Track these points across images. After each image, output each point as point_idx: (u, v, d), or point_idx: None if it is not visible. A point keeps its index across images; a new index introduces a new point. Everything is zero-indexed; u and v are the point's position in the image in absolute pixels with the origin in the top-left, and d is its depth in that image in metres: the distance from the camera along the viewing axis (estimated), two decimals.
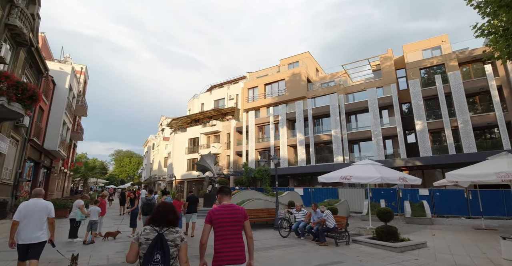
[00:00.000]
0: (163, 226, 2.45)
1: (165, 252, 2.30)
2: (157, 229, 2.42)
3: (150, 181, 57.39)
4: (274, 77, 30.83)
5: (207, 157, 22.77)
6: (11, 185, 14.00)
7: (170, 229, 2.46)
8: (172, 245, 2.38)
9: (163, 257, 2.28)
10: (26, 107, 11.26)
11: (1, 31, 10.60)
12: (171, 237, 2.40)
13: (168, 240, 2.37)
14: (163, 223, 2.46)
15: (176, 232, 2.46)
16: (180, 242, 2.44)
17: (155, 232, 2.39)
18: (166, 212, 2.51)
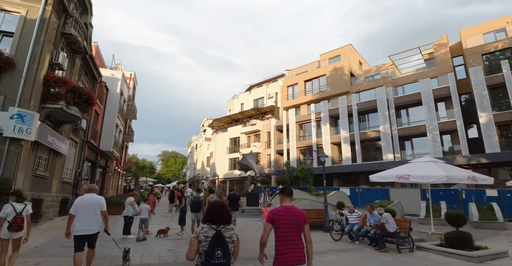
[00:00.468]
0: (219, 223, 2.56)
1: (225, 248, 2.41)
2: (214, 226, 2.53)
3: (194, 180, 59.47)
4: (314, 73, 29.81)
5: (249, 156, 22.70)
6: (71, 183, 15.18)
7: (226, 226, 2.57)
8: (230, 241, 2.49)
9: (224, 253, 2.39)
10: (83, 111, 12.03)
11: (58, 40, 11.42)
12: (228, 234, 2.52)
13: (226, 237, 2.48)
14: (218, 221, 2.57)
15: (231, 229, 2.59)
16: (236, 239, 2.57)
17: (213, 230, 2.50)
18: (220, 210, 2.62)
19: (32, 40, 9.75)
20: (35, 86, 9.78)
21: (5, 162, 8.69)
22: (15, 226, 4.65)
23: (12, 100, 9.15)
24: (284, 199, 3.15)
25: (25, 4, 10.10)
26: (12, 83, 9.34)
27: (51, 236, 8.64)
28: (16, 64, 9.45)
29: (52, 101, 10.55)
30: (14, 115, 8.90)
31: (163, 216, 15.88)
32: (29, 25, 9.93)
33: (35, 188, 10.47)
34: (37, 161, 10.71)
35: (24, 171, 9.45)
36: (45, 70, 10.42)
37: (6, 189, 8.29)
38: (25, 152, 9.42)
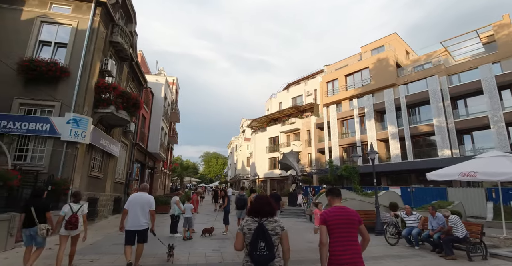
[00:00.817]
0: (262, 216, 2.62)
1: (267, 240, 2.46)
2: (257, 219, 2.61)
3: (235, 180, 60.39)
4: (356, 67, 28.30)
5: (290, 155, 22.23)
6: (123, 183, 16.11)
7: (269, 219, 2.61)
8: (273, 234, 2.53)
9: (267, 245, 2.44)
10: (131, 114, 12.65)
11: (107, 48, 12.13)
12: (270, 226, 2.56)
13: (268, 229, 2.52)
14: (261, 214, 2.63)
15: (274, 221, 2.61)
16: (281, 231, 2.57)
17: (256, 223, 2.58)
18: (263, 204, 2.69)
19: (83, 49, 10.45)
20: (88, 93, 10.46)
21: (63, 164, 9.39)
22: (70, 224, 4.96)
23: (68, 106, 9.87)
24: (333, 200, 3.04)
25: (75, 16, 10.87)
26: (67, 90, 10.09)
27: (105, 233, 9.12)
28: (70, 72, 10.19)
29: (103, 106, 11.23)
30: (70, 120, 9.59)
31: (207, 215, 16.14)
32: (80, 36, 10.66)
33: (91, 188, 11.22)
34: (92, 163, 11.47)
35: (81, 172, 10.15)
36: (96, 77, 11.12)
37: (65, 189, 8.94)
38: (81, 154, 10.10)
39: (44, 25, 10.69)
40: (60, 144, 9.53)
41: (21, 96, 9.75)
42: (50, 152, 9.43)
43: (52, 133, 9.48)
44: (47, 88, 9.93)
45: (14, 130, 9.27)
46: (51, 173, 9.15)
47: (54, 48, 10.66)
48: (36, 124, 9.43)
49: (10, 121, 9.28)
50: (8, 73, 9.61)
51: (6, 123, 9.24)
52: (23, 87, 9.85)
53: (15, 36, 10.21)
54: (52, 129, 9.49)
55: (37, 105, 9.90)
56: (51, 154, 9.43)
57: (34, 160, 9.46)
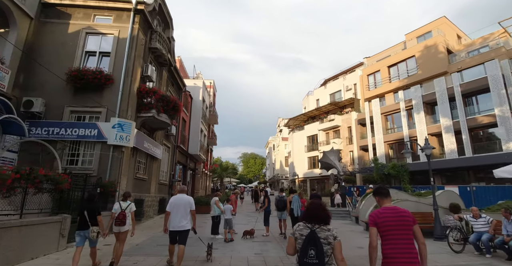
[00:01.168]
0: (315, 223, 2.52)
1: (318, 249, 2.36)
2: (309, 226, 2.52)
3: (274, 180, 60.12)
4: (400, 56, 26.28)
5: (330, 153, 21.28)
6: (167, 184, 16.65)
7: (322, 227, 2.50)
8: (325, 243, 2.42)
9: (317, 254, 2.35)
10: (171, 117, 12.95)
11: (146, 54, 12.55)
12: (323, 234, 2.45)
13: (320, 238, 2.42)
14: (314, 220, 2.54)
15: (328, 230, 2.48)
16: (333, 240, 2.45)
17: (308, 229, 2.49)
18: (317, 210, 2.59)
19: (125, 56, 10.88)
20: (130, 98, 10.87)
21: (110, 167, 9.83)
22: (118, 221, 5.42)
23: (113, 112, 10.32)
24: (382, 201, 2.88)
25: (116, 26, 11.37)
26: (112, 96, 10.56)
27: (151, 234, 9.34)
28: (114, 79, 10.67)
29: (145, 110, 11.62)
30: (115, 125, 10.01)
31: (248, 215, 16.01)
32: (121, 44, 11.13)
33: (136, 189, 11.66)
34: (137, 165, 11.92)
35: (127, 174, 10.56)
36: (137, 83, 11.53)
37: (113, 191, 9.33)
38: (126, 157, 10.51)
39: (89, 36, 11.35)
40: (107, 147, 10.00)
41: (71, 104, 10.43)
42: (99, 155, 9.94)
43: (99, 137, 9.99)
44: (94, 95, 10.49)
45: (66, 137, 9.93)
46: (100, 175, 9.62)
47: (99, 57, 11.26)
48: (85, 130, 10.01)
49: (62, 128, 9.96)
50: (59, 84, 10.34)
51: (59, 130, 9.93)
52: (72, 95, 10.54)
53: (63, 48, 10.97)
54: (100, 134, 10.00)
55: (85, 112, 10.51)
56: (99, 157, 9.94)
57: (85, 164, 10.05)
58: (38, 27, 11.09)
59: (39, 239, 5.88)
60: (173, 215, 5.24)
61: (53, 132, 9.93)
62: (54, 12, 11.35)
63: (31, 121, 10.02)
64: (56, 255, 6.14)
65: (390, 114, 25.80)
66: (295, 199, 9.45)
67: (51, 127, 9.97)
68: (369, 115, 26.68)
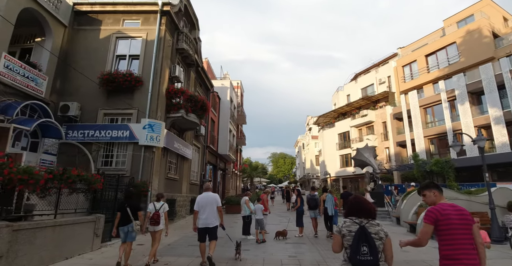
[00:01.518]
0: (362, 218, 2.43)
1: (371, 245, 2.26)
2: (357, 221, 2.42)
3: (305, 179, 58.98)
4: (439, 44, 24.33)
5: (365, 150, 20.19)
6: (198, 184, 16.73)
7: (371, 221, 2.41)
8: (377, 238, 2.31)
9: (371, 250, 2.24)
10: (200, 117, 12.93)
11: (174, 55, 12.63)
12: (373, 229, 2.35)
13: (371, 233, 2.32)
14: (362, 215, 2.44)
15: (377, 225, 2.40)
16: (385, 236, 2.34)
17: (356, 225, 2.39)
18: (363, 204, 2.50)
19: (153, 58, 10.99)
20: (159, 99, 10.96)
21: (142, 167, 9.94)
22: (153, 220, 5.63)
23: (143, 113, 10.45)
24: (440, 196, 2.64)
25: (144, 28, 11.53)
26: (142, 98, 10.70)
27: (183, 233, 9.29)
28: (143, 81, 10.81)
29: (174, 110, 11.68)
30: (146, 125, 10.11)
31: (280, 215, 15.60)
32: (149, 46, 11.26)
33: (168, 190, 11.73)
34: (168, 165, 12.01)
35: (158, 175, 10.64)
36: (166, 84, 11.62)
37: (144, 191, 9.40)
38: (157, 157, 10.60)
39: (119, 41, 11.64)
40: (138, 148, 10.14)
41: (104, 107, 10.73)
42: (131, 156, 10.11)
43: (131, 138, 10.15)
44: (125, 97, 10.71)
45: (100, 138, 10.20)
46: (132, 176, 9.77)
47: (129, 60, 11.50)
48: (118, 132, 10.23)
49: (96, 131, 10.26)
50: (93, 88, 10.68)
51: (93, 133, 10.24)
52: (105, 98, 10.84)
53: (95, 53, 11.33)
54: (131, 135, 10.16)
55: (118, 114, 10.76)
56: (131, 158, 10.10)
57: (118, 165, 10.27)
58: (72, 34, 11.57)
59: (73, 238, 5.95)
60: (201, 213, 5.39)
61: (88, 134, 10.26)
62: (86, 19, 11.79)
63: (68, 125, 10.44)
64: (90, 254, 6.19)
65: (429, 107, 23.97)
66: (329, 197, 9.32)
67: (86, 130, 10.31)
68: (406, 109, 25.00)
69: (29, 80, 9.52)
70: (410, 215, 10.95)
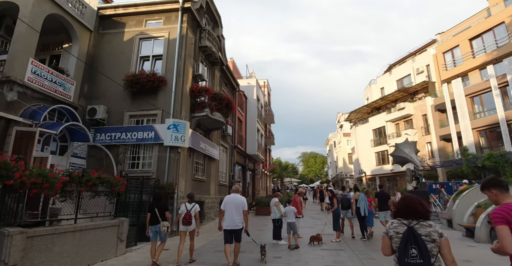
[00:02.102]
0: (412, 219, 2.26)
1: (421, 247, 2.10)
2: (405, 222, 2.27)
3: (337, 179, 56.84)
4: (484, 25, 21.84)
5: (404, 145, 18.52)
6: (226, 185, 16.34)
7: (421, 222, 2.22)
8: (428, 240, 2.13)
9: (421, 253, 2.09)
10: (225, 116, 12.48)
11: (197, 54, 12.31)
12: (424, 231, 2.17)
13: (421, 235, 2.15)
14: (411, 216, 2.28)
15: (429, 226, 2.19)
16: (439, 238, 2.13)
17: (404, 226, 2.25)
18: (414, 204, 2.30)
19: (175, 56, 10.72)
20: (183, 98, 10.67)
21: (168, 168, 9.66)
22: (185, 221, 5.80)
23: (168, 113, 10.19)
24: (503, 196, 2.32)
25: (166, 28, 11.33)
26: (166, 98, 10.47)
27: (211, 238, 8.82)
28: (166, 81, 10.57)
29: (199, 110, 11.34)
30: (170, 125, 9.84)
31: (313, 217, 14.71)
32: (172, 45, 11.02)
33: (195, 191, 11.35)
34: (195, 166, 11.69)
35: (185, 176, 10.33)
36: (190, 83, 11.33)
37: (170, 192, 9.08)
38: (183, 158, 10.28)
39: (142, 42, 11.56)
40: (164, 149, 9.89)
41: (130, 109, 10.65)
42: (157, 157, 9.89)
43: (156, 139, 9.93)
44: (150, 98, 10.55)
45: (127, 141, 10.11)
46: (158, 177, 9.54)
47: (152, 61, 11.37)
48: (143, 133, 10.07)
49: (122, 133, 10.18)
50: (119, 90, 10.65)
51: (120, 135, 10.17)
52: (131, 100, 10.76)
53: (120, 56, 11.33)
54: (156, 136, 9.94)
55: (143, 116, 10.64)
56: (157, 159, 9.87)
57: (145, 167, 10.10)
58: (97, 39, 11.70)
59: (95, 244, 5.69)
60: (228, 214, 5.39)
61: (115, 137, 10.22)
62: (110, 23, 11.87)
63: (96, 128, 10.50)
64: (113, 260, 5.90)
65: (477, 95, 21.57)
66: (362, 197, 9.05)
67: (113, 132, 10.28)
68: (450, 99, 22.72)
69: (57, 85, 9.65)
70: (466, 217, 9.57)
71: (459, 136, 22.11)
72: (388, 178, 31.21)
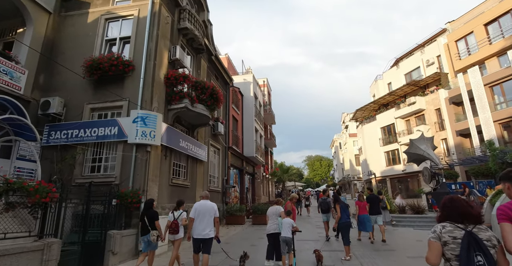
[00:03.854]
0: (468, 222, 2.03)
1: (486, 254, 1.89)
2: (461, 226, 2.02)
3: (345, 182, 54.44)
4: (499, 9, 19.82)
5: (420, 141, 16.44)
6: (219, 191, 14.36)
7: (478, 226, 2.01)
8: (490, 246, 1.93)
9: (487, 260, 1.87)
10: (210, 109, 10.59)
11: (176, 36, 10.50)
12: (484, 235, 1.96)
13: (482, 239, 1.94)
14: (466, 219, 2.04)
15: (486, 230, 2.00)
16: (497, 243, 1.97)
17: (461, 230, 2.00)
18: (466, 207, 2.08)
19: (145, 36, 8.91)
20: (156, 86, 8.81)
21: (133, 171, 7.72)
22: (171, 229, 5.70)
23: (136, 104, 8.33)
24: None
25: (136, 5, 9.56)
26: (134, 86, 8.62)
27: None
28: (134, 66, 8.74)
29: (176, 101, 9.46)
30: (136, 118, 7.95)
31: (319, 226, 12.58)
32: (142, 24, 9.24)
33: (175, 199, 9.37)
34: (173, 169, 9.75)
35: (157, 180, 8.37)
36: (165, 69, 9.49)
37: (134, 202, 7.14)
38: (155, 159, 8.35)
39: (109, 23, 9.80)
40: (129, 148, 7.99)
41: (91, 101, 8.80)
42: (121, 158, 7.98)
43: (120, 136, 8.04)
44: (115, 87, 8.71)
45: (86, 139, 8.23)
46: (123, 182, 7.64)
47: (120, 44, 9.57)
48: (105, 129, 8.18)
49: (81, 129, 8.31)
50: (80, 81, 8.82)
51: (78, 132, 8.30)
52: (93, 91, 8.93)
53: (84, 40, 9.56)
54: (121, 132, 8.06)
55: (106, 109, 8.77)
56: (122, 161, 7.96)
57: (107, 170, 8.20)
58: (58, 22, 9.97)
59: None
60: (197, 222, 5.10)
61: (72, 135, 8.35)
62: (74, 3, 10.15)
63: (50, 125, 8.65)
64: None
65: (497, 84, 19.41)
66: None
67: (70, 129, 8.41)
68: (466, 90, 20.58)
69: (1, 73, 7.87)
70: None
71: (478, 130, 19.91)
72: (400, 179, 28.97)
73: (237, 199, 17.92)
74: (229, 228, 12.64)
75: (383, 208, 11.59)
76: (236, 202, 17.51)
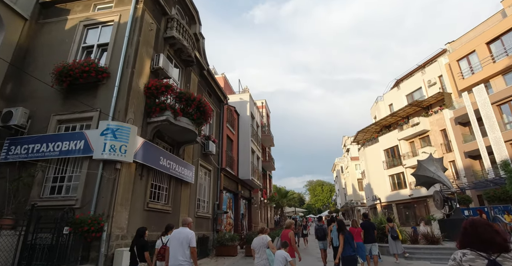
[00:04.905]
0: (492, 251, 1.81)
1: None
2: (484, 254, 1.81)
3: (347, 207, 51.98)
4: (501, 27, 19.49)
5: (429, 162, 15.16)
6: (209, 218, 12.87)
7: (504, 255, 1.80)
8: None
9: None
10: (196, 123, 9.51)
11: (162, 46, 9.71)
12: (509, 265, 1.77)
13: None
14: (490, 248, 1.81)
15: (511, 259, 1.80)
16: None
17: (484, 259, 1.80)
18: (490, 233, 1.85)
19: (124, 41, 8.07)
20: (133, 96, 7.81)
21: (98, 193, 6.45)
22: (160, 255, 5.45)
23: (107, 115, 7.27)
24: None
25: (117, 10, 8.85)
26: (108, 96, 7.61)
27: None
28: (110, 73, 7.81)
29: (156, 113, 8.41)
30: (105, 130, 6.83)
31: (319, 259, 10.89)
32: (121, 30, 8.45)
33: (152, 226, 8.01)
34: (151, 191, 8.45)
35: (128, 204, 7.06)
36: (146, 78, 8.56)
37: (93, 230, 5.79)
38: (126, 178, 7.11)
39: (88, 30, 9.05)
40: (95, 165, 6.79)
41: (58, 112, 7.76)
42: (84, 177, 6.74)
43: (86, 151, 6.88)
44: (87, 97, 7.72)
45: (47, 154, 7.06)
46: (85, 207, 6.35)
47: (97, 51, 8.73)
48: (70, 143, 7.03)
49: (43, 144, 7.17)
50: (50, 90, 7.85)
51: (40, 147, 7.15)
52: (62, 101, 7.92)
53: (59, 48, 8.74)
54: (87, 147, 6.90)
55: (75, 120, 7.70)
56: (85, 180, 6.72)
57: (69, 191, 6.93)
58: (35, 29, 9.23)
59: None
60: (171, 251, 4.61)
61: (33, 150, 7.20)
62: (53, 11, 9.49)
63: (11, 139, 7.52)
64: None
65: (505, 103, 18.51)
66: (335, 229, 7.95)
67: (31, 143, 7.28)
68: (473, 109, 19.65)
69: None
70: None
71: (489, 151, 18.69)
72: (406, 204, 27.17)
73: (231, 226, 16.28)
74: (218, 261, 11.01)
75: (394, 237, 10.18)
76: (230, 229, 15.86)
